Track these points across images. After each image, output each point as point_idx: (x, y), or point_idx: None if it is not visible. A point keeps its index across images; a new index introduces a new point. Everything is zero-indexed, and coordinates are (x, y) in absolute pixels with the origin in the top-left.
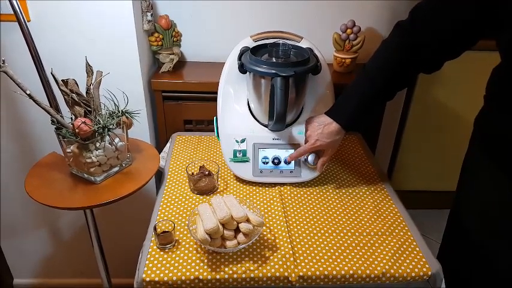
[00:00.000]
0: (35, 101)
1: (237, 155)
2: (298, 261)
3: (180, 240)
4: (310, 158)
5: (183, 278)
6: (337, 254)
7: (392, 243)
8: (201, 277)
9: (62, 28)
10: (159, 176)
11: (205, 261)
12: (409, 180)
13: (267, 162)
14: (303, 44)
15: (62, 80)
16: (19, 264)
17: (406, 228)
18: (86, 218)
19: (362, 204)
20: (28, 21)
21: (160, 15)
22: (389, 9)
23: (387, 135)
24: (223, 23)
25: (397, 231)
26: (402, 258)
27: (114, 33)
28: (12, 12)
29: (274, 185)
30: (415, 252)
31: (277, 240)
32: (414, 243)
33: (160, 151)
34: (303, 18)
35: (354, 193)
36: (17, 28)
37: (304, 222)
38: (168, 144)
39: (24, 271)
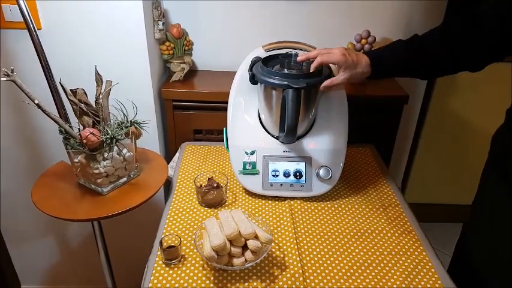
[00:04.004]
0: (43, 110)
1: (247, 167)
2: (308, 280)
3: (186, 256)
4: (322, 171)
5: None
6: (349, 273)
7: (406, 264)
8: None
9: (73, 36)
10: (168, 185)
11: (212, 278)
12: (424, 193)
13: (277, 175)
14: None
15: (71, 90)
16: (27, 271)
17: (421, 248)
18: (93, 227)
19: (375, 221)
20: (39, 29)
21: (172, 23)
22: (405, 19)
23: (402, 147)
24: (235, 32)
25: (411, 250)
26: (417, 279)
27: (125, 42)
28: (23, 20)
29: (284, 199)
30: (430, 273)
31: (286, 258)
32: (430, 264)
33: (169, 160)
34: (316, 28)
35: (367, 209)
36: (27, 36)
37: (315, 239)
38: (177, 154)
39: (31, 277)
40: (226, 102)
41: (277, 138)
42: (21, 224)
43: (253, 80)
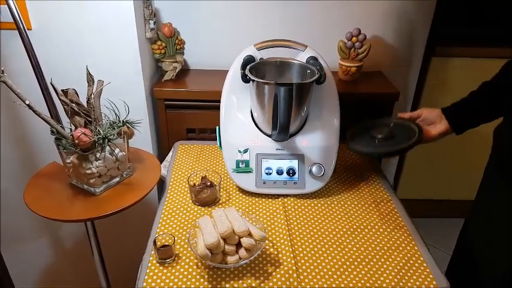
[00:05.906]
0: (34, 111)
1: (240, 165)
2: (301, 277)
3: (181, 255)
4: (315, 168)
5: None
6: (342, 269)
7: (398, 259)
8: None
9: (64, 37)
10: (161, 184)
11: (206, 276)
12: (416, 189)
13: (271, 173)
14: (308, 53)
15: (62, 90)
16: (21, 273)
17: (413, 242)
18: (87, 228)
19: (368, 217)
20: (29, 30)
21: (163, 23)
22: (395, 18)
23: None
24: (227, 31)
25: (403, 245)
26: (409, 274)
27: (116, 42)
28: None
29: (278, 196)
30: (422, 268)
31: (280, 255)
32: (421, 258)
33: (162, 160)
34: (308, 26)
35: (360, 205)
36: (18, 36)
37: (308, 235)
38: (170, 153)
39: (25, 279)
40: (219, 101)
41: (270, 136)
42: (14, 225)
43: (245, 78)
